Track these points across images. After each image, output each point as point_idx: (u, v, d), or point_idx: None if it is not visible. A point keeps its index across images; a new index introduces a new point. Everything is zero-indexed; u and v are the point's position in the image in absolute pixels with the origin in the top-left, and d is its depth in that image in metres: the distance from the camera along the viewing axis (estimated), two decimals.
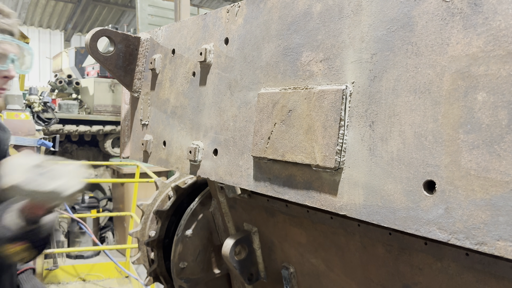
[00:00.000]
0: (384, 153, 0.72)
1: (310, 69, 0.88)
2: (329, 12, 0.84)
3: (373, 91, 0.75)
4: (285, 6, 0.94)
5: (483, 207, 0.59)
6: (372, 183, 0.74)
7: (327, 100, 0.81)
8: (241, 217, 1.61)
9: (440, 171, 0.64)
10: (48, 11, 17.38)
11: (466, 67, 0.62)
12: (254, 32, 1.02)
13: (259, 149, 0.96)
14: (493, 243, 0.57)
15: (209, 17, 1.19)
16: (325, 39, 0.85)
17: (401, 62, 0.71)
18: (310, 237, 1.30)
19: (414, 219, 0.67)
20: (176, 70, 1.31)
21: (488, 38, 0.60)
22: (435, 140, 0.65)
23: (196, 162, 1.18)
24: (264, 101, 0.96)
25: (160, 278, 2.02)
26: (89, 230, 4.85)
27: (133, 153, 1.53)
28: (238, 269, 1.51)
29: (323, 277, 1.32)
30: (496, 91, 0.58)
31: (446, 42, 0.65)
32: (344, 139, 0.79)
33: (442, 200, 0.63)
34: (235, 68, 1.08)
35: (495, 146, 0.58)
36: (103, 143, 7.98)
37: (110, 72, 1.45)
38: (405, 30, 0.70)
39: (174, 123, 1.30)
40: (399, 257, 1.04)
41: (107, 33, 1.39)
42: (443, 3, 0.65)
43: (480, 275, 0.89)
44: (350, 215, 0.77)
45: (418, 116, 0.67)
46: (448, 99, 0.64)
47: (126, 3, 16.44)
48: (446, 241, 0.62)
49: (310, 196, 0.85)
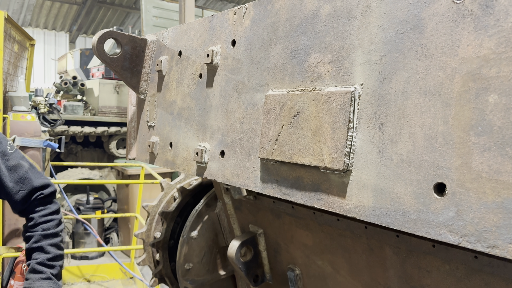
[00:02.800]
0: (394, 155, 0.72)
1: (318, 71, 0.87)
2: (338, 13, 0.84)
3: (382, 93, 0.75)
4: (293, 8, 0.94)
5: (494, 210, 0.58)
6: (382, 185, 0.73)
7: (336, 102, 0.81)
8: (246, 219, 1.61)
9: (451, 173, 0.63)
10: (53, 13, 17.48)
11: (477, 69, 0.62)
12: (261, 34, 1.02)
13: (267, 151, 0.96)
14: (505, 246, 0.57)
15: (216, 19, 1.19)
16: (334, 40, 0.84)
17: (411, 64, 0.70)
18: (316, 239, 1.30)
19: (424, 221, 0.67)
20: (183, 72, 1.31)
21: (499, 39, 0.59)
22: (445, 142, 0.65)
23: (203, 164, 1.18)
24: (271, 102, 0.96)
25: (165, 279, 2.02)
26: (94, 231, 4.86)
27: (140, 155, 1.54)
28: (244, 271, 1.51)
29: (329, 279, 1.32)
30: (508, 93, 0.58)
31: (456, 44, 0.64)
32: (353, 141, 0.79)
33: (452, 202, 0.63)
34: (242, 69, 1.08)
35: (507, 149, 0.58)
36: (108, 144, 8.00)
37: (117, 74, 1.45)
38: (415, 32, 0.70)
39: (181, 124, 1.31)
40: (406, 260, 1.04)
41: (114, 35, 1.40)
42: (453, 4, 0.65)
43: (489, 278, 0.88)
44: (359, 218, 0.77)
45: (428, 118, 0.67)
46: (459, 101, 0.63)
47: (130, 4, 16.51)
48: (457, 244, 0.62)
49: (318, 198, 0.85)
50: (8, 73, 4.23)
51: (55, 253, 1.75)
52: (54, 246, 1.77)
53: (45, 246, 1.73)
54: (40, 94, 5.58)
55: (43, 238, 1.74)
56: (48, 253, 1.73)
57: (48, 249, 1.74)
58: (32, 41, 5.19)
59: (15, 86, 4.56)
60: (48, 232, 1.75)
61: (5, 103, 4.09)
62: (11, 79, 4.39)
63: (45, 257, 1.71)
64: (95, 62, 9.06)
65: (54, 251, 1.75)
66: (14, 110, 4.17)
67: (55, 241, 1.77)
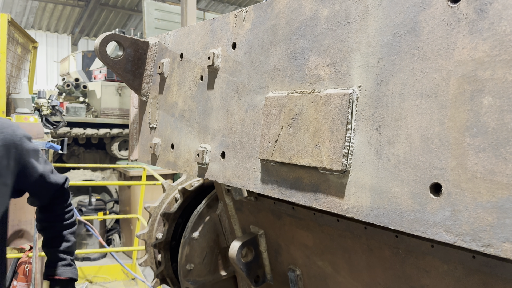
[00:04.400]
0: (391, 156, 0.73)
1: (317, 73, 0.89)
2: (336, 17, 0.85)
3: (379, 95, 0.76)
4: (292, 11, 0.95)
5: (489, 210, 0.60)
6: (379, 185, 0.74)
7: (334, 104, 0.82)
8: (247, 220, 1.62)
9: (447, 174, 0.65)
10: (56, 16, 17.56)
11: (472, 71, 0.63)
12: (262, 37, 1.04)
13: (267, 152, 0.97)
14: (499, 245, 0.58)
15: (216, 22, 1.21)
16: (332, 43, 0.86)
17: (408, 67, 0.72)
18: (316, 240, 1.31)
19: (420, 221, 0.68)
20: (184, 74, 1.33)
21: (494, 43, 0.61)
22: (441, 143, 0.66)
23: (204, 165, 1.19)
24: (271, 104, 0.97)
25: (167, 280, 2.04)
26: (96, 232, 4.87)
27: (141, 156, 1.55)
28: (245, 271, 1.52)
29: (329, 279, 1.33)
30: (502, 95, 0.59)
31: (452, 47, 0.66)
32: (351, 142, 0.80)
33: (448, 202, 0.64)
34: (242, 72, 1.09)
35: (501, 149, 0.59)
36: (110, 146, 8.04)
37: (119, 76, 1.47)
38: (412, 35, 0.71)
39: (182, 126, 1.32)
40: (405, 260, 1.05)
41: (116, 38, 1.41)
42: (449, 8, 0.66)
43: (487, 277, 0.89)
44: (357, 218, 0.78)
45: (424, 120, 0.68)
46: (454, 103, 0.65)
47: (132, 7, 16.57)
48: (453, 243, 0.63)
49: (317, 199, 0.86)
50: (11, 75, 4.26)
51: (73, 241, 1.87)
52: (73, 234, 1.89)
53: (66, 234, 1.84)
54: (43, 96, 5.61)
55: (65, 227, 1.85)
56: (69, 241, 1.85)
57: (68, 237, 1.85)
58: (35, 43, 5.22)
59: (18, 88, 4.59)
60: (68, 222, 1.86)
61: (8, 105, 4.12)
62: (14, 81, 4.41)
63: (66, 245, 1.83)
64: (97, 64, 9.10)
65: (73, 239, 1.88)
66: (17, 112, 4.20)
67: (73, 230, 1.89)
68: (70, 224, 1.87)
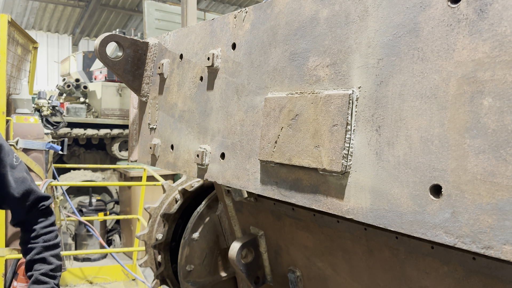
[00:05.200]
0: (391, 157, 0.73)
1: (317, 74, 0.88)
2: (336, 17, 0.85)
3: (379, 96, 0.76)
4: (292, 12, 0.95)
5: (489, 212, 0.59)
6: (379, 187, 0.74)
7: (334, 105, 0.82)
8: (247, 221, 1.62)
9: (447, 175, 0.64)
10: (56, 16, 17.57)
11: (472, 72, 0.63)
12: (261, 37, 1.03)
13: (266, 153, 0.97)
14: (499, 247, 0.58)
15: (216, 22, 1.20)
16: (332, 44, 0.86)
17: (407, 67, 0.71)
18: (316, 241, 1.31)
19: (420, 223, 0.67)
20: (184, 75, 1.32)
21: (494, 43, 0.60)
22: (441, 144, 0.66)
23: (204, 166, 1.19)
24: (271, 105, 0.97)
25: (167, 281, 2.03)
26: (96, 233, 4.88)
27: (141, 157, 1.55)
28: (245, 272, 1.52)
29: (329, 280, 1.32)
30: (502, 96, 0.59)
31: (452, 47, 0.65)
32: (351, 143, 0.80)
33: (448, 204, 0.64)
34: (242, 73, 1.09)
35: (501, 151, 0.58)
36: (111, 147, 8.03)
37: (119, 77, 1.47)
38: (411, 36, 0.71)
39: (182, 127, 1.32)
40: (405, 261, 1.04)
41: (116, 39, 1.41)
42: (449, 9, 0.66)
43: (487, 279, 0.89)
44: (357, 219, 0.78)
45: (424, 121, 0.68)
46: (454, 104, 0.64)
47: (133, 7, 16.58)
48: (453, 245, 0.63)
49: (316, 200, 0.86)
50: (12, 76, 4.26)
51: (56, 264, 1.78)
52: (56, 257, 1.80)
53: (47, 257, 1.76)
54: (43, 96, 5.62)
55: (45, 249, 1.77)
56: (51, 264, 1.76)
57: (50, 260, 1.77)
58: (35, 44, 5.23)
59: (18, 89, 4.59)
60: (50, 243, 1.78)
61: (9, 105, 4.12)
62: (14, 82, 4.42)
63: (48, 268, 1.74)
64: (98, 65, 9.11)
65: (56, 261, 1.78)
66: (17, 112, 4.20)
67: (56, 252, 1.81)
68: (53, 246, 1.79)
